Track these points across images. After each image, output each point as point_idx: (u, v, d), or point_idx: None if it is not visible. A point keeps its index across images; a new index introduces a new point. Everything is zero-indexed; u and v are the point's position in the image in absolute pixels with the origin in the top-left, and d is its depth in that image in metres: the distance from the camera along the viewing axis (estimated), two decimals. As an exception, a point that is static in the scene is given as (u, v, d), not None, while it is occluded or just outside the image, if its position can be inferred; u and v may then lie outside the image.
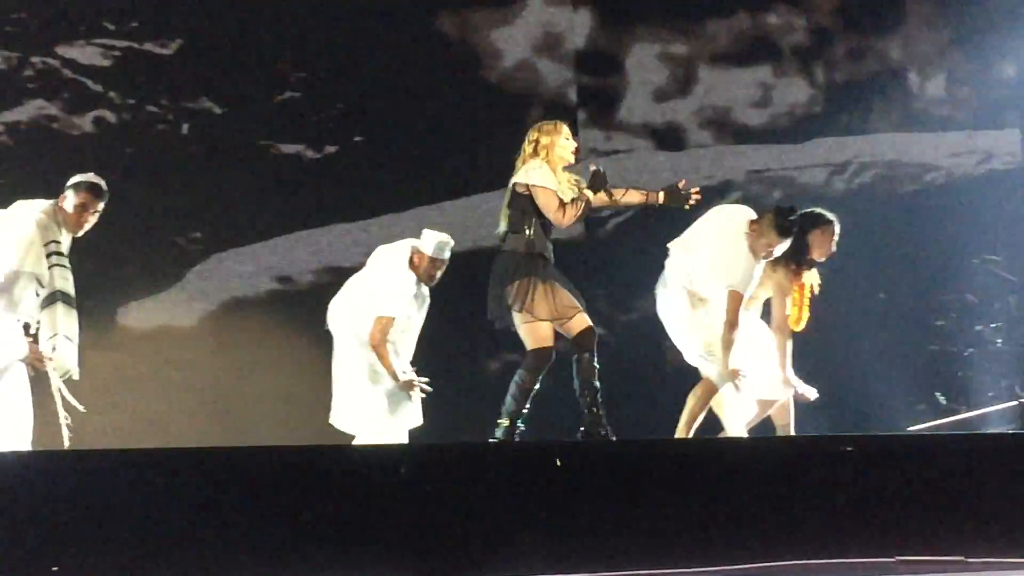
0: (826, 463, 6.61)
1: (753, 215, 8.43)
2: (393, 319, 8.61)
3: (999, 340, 11.53)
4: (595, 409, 7.94)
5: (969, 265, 12.48)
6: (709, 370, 8.29)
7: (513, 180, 8.19)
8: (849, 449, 6.64)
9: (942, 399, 11.92)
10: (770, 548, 6.36)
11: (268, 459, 6.38)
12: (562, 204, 8.04)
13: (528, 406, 8.00)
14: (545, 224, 8.11)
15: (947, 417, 11.63)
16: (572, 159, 8.27)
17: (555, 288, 8.03)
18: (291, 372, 10.82)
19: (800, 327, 8.61)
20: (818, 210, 8.69)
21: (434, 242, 8.68)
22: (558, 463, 6.40)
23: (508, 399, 8.06)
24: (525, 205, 8.10)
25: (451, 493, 6.22)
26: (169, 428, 10.72)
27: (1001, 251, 12.37)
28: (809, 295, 8.66)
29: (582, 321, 8.02)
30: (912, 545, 6.50)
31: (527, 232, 8.07)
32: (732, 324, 8.24)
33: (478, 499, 6.27)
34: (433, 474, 6.35)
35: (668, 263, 8.45)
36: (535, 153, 8.17)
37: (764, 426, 8.64)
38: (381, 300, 8.61)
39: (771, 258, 8.41)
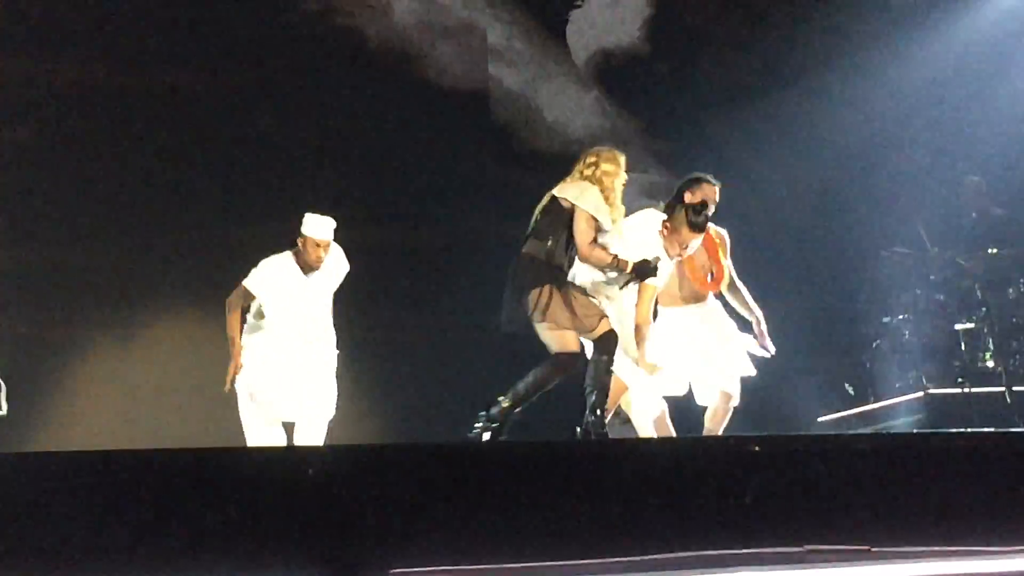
0: (735, 462, 6.68)
1: (663, 216, 8.50)
2: (246, 290, 8.76)
3: (906, 332, 11.67)
4: (599, 411, 7.98)
5: (877, 257, 12.63)
6: (620, 367, 8.32)
7: (558, 191, 8.18)
8: (756, 448, 6.72)
9: (851, 390, 12.06)
10: (679, 540, 6.43)
11: (169, 461, 6.36)
12: (595, 240, 8.09)
13: (533, 400, 8.02)
14: (571, 242, 8.12)
15: (856, 408, 11.79)
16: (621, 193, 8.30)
17: (575, 296, 8.07)
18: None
19: (723, 285, 8.69)
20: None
21: (311, 222, 8.80)
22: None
23: (520, 384, 8.02)
24: (561, 218, 8.10)
25: (354, 494, 6.21)
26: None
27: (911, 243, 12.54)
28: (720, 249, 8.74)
29: (605, 325, 8.06)
30: (820, 536, 6.59)
31: (550, 242, 8.10)
32: (645, 320, 8.31)
33: (380, 498, 6.27)
34: (339, 476, 6.34)
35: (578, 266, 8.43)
36: (592, 177, 8.19)
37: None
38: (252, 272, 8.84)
39: (686, 255, 8.48)
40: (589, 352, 8.11)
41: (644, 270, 8.14)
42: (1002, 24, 13.15)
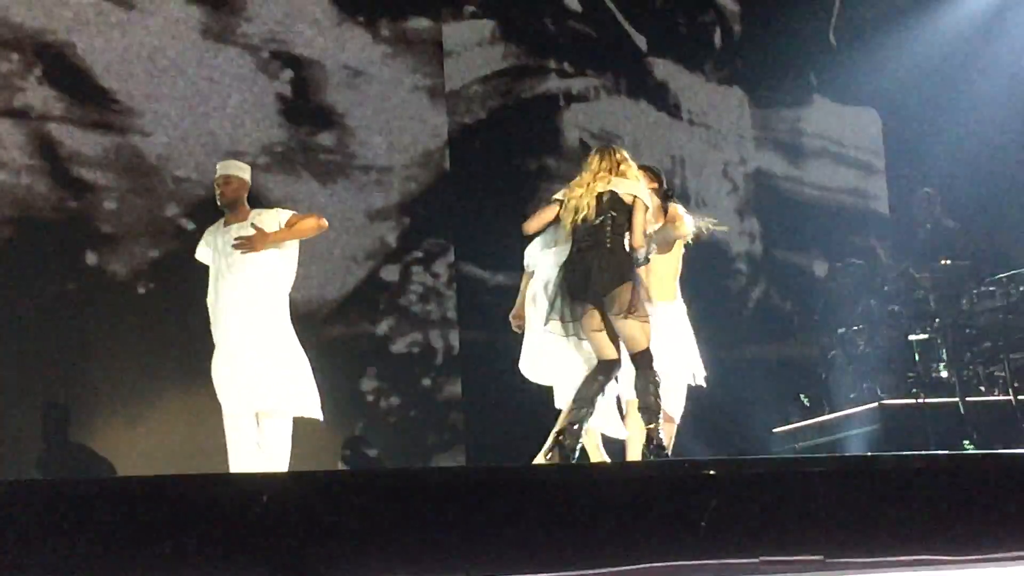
0: (689, 484, 6.73)
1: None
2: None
3: (861, 343, 11.74)
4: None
5: (832, 268, 12.72)
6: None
7: (615, 187, 7.99)
8: (712, 473, 6.77)
9: (806, 401, 12.12)
10: (633, 554, 6.47)
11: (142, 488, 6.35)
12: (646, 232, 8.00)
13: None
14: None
15: (810, 419, 11.86)
16: None
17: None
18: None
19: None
20: None
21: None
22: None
23: (577, 402, 7.92)
24: (624, 213, 7.94)
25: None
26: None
27: (865, 254, 12.65)
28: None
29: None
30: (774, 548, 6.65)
31: (625, 237, 7.95)
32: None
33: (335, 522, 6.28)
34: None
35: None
36: (633, 171, 8.16)
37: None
38: None
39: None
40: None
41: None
42: (955, 31, 13.28)
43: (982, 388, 11.13)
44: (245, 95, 11.58)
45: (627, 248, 7.94)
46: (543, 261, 8.48)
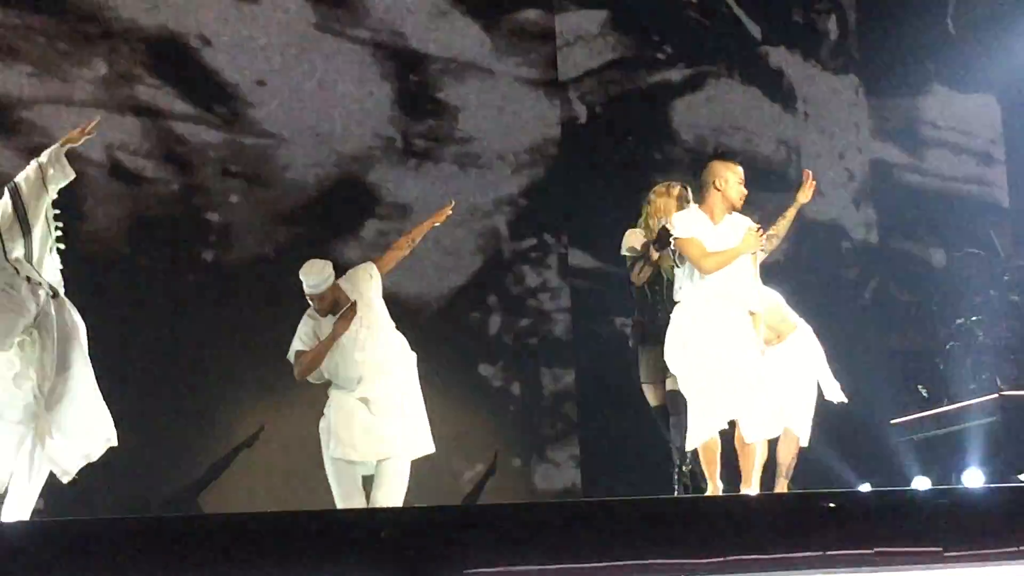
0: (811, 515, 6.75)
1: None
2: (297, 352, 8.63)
3: (980, 333, 11.59)
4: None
5: (952, 258, 12.57)
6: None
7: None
8: (831, 505, 6.76)
9: (924, 392, 11.99)
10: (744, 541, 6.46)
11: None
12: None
13: None
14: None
15: (929, 410, 11.72)
16: None
17: None
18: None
19: None
20: None
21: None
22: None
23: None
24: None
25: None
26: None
27: (982, 244, 12.48)
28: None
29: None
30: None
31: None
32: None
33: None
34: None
35: None
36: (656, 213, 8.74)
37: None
38: None
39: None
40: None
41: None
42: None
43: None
44: (358, 89, 11.65)
45: None
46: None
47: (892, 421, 11.93)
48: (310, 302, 8.55)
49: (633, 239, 8.86)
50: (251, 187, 11.27)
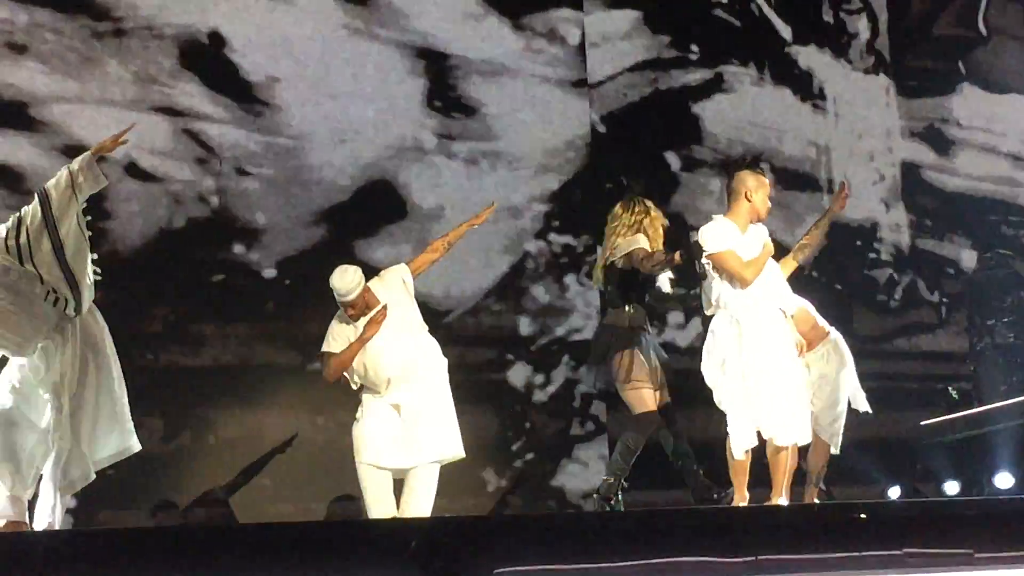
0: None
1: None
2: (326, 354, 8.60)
3: (1011, 335, 11.54)
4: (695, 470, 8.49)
5: (981, 259, 12.52)
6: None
7: (611, 257, 8.68)
8: (863, 516, 6.76)
9: (954, 393, 11.94)
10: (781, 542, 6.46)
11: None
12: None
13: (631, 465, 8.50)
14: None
15: (959, 411, 11.67)
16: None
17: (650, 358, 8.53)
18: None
19: None
20: None
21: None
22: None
23: (616, 457, 8.52)
24: (626, 278, 8.63)
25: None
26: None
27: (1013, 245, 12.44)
28: None
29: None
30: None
31: (627, 308, 8.58)
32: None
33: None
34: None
35: None
36: (639, 225, 8.73)
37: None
38: None
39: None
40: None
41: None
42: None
43: None
44: (387, 89, 11.66)
45: (640, 317, 8.58)
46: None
47: (922, 423, 11.89)
48: (341, 307, 8.53)
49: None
50: (279, 187, 11.29)
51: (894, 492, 11.50)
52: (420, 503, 8.37)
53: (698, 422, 9.27)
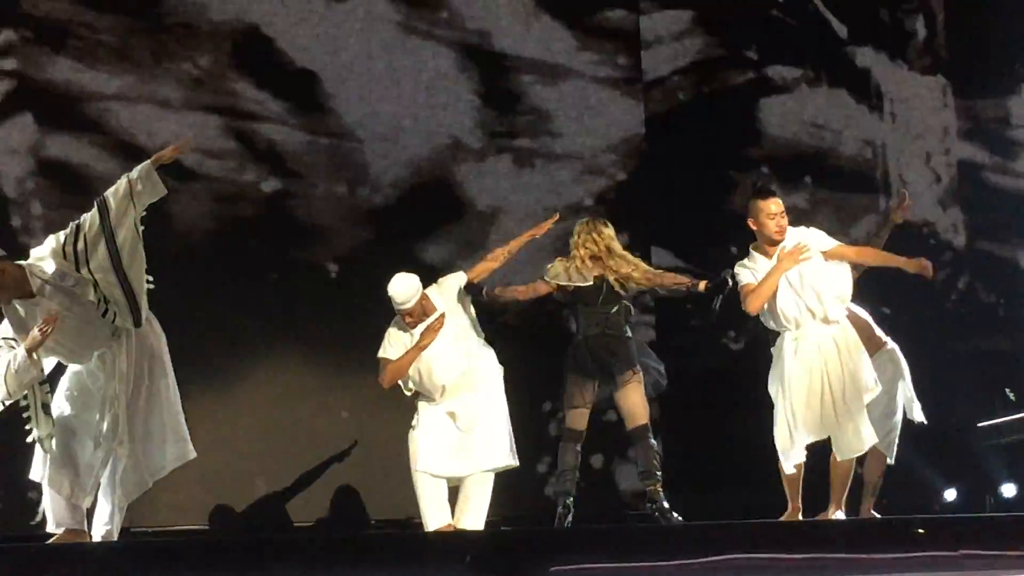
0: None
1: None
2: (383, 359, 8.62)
3: (1069, 336, 11.48)
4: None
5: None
6: None
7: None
8: (920, 531, 6.74)
9: (1011, 395, 11.87)
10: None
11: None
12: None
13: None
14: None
15: (1017, 413, 11.59)
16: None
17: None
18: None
19: None
20: None
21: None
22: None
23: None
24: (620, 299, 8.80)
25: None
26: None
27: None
28: None
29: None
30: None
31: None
32: None
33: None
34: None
35: None
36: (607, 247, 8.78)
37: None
38: None
39: None
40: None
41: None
42: None
43: None
44: (442, 89, 11.68)
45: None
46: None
47: (979, 424, 11.82)
48: (403, 318, 8.54)
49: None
50: (335, 187, 11.33)
51: (950, 494, 11.44)
52: (475, 511, 8.43)
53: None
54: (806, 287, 8.17)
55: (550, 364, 9.01)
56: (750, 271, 8.25)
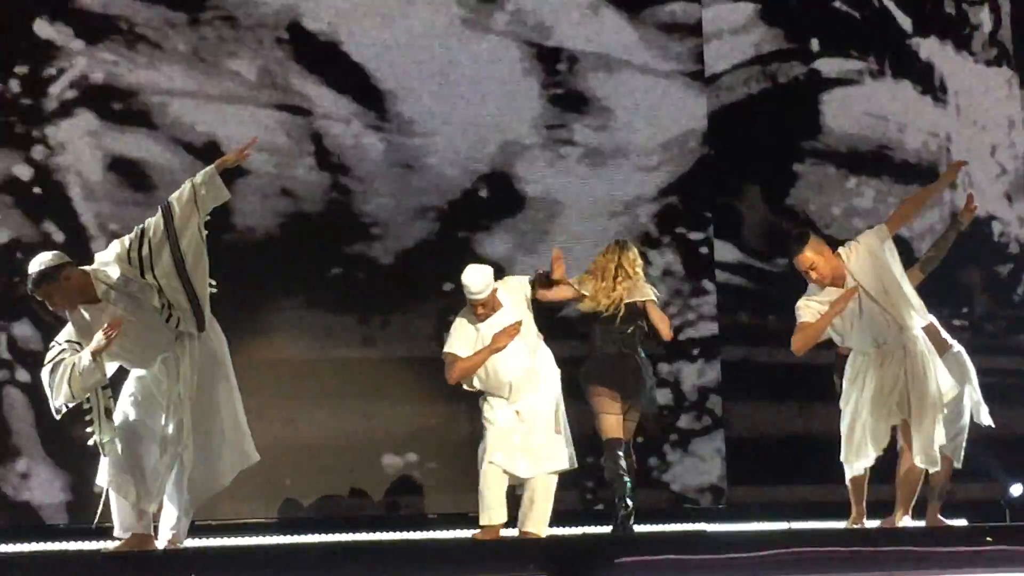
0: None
1: None
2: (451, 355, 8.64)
3: None
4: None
5: None
6: None
7: (630, 298, 9.02)
8: (989, 540, 6.72)
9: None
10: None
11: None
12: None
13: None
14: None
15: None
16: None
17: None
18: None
19: None
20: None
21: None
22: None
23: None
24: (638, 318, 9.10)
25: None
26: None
27: None
28: None
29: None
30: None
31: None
32: None
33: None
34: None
35: None
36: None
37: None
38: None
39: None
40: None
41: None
42: None
43: None
44: (504, 84, 11.69)
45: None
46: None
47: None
48: (469, 304, 8.58)
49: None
50: (396, 182, 11.36)
51: (1016, 490, 11.35)
52: (541, 515, 8.50)
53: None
54: (881, 303, 8.14)
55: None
56: (812, 309, 8.20)
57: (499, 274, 8.91)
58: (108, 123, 10.76)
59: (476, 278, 8.46)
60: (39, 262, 7.32)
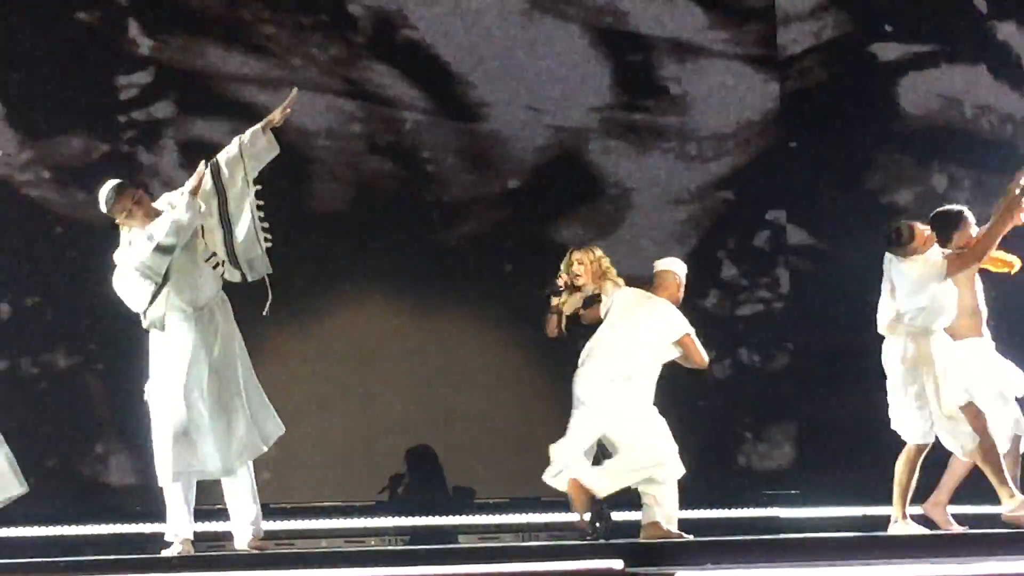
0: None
1: None
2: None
3: None
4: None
5: None
6: None
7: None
8: None
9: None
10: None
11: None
12: None
13: None
14: None
15: None
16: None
17: None
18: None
19: None
20: None
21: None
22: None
23: None
24: None
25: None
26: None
27: None
28: None
29: None
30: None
31: None
32: None
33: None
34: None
35: None
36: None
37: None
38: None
39: None
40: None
41: None
42: None
43: None
44: (575, 69, 11.71)
45: None
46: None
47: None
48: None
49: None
50: (467, 167, 11.41)
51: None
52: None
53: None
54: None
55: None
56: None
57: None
58: (185, 112, 10.89)
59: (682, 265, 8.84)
60: (108, 184, 7.55)
